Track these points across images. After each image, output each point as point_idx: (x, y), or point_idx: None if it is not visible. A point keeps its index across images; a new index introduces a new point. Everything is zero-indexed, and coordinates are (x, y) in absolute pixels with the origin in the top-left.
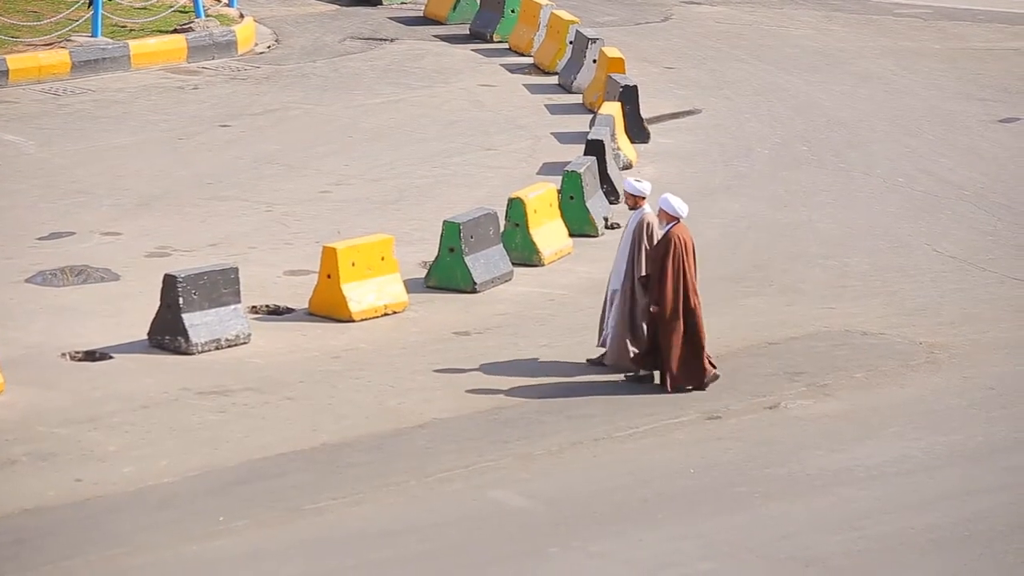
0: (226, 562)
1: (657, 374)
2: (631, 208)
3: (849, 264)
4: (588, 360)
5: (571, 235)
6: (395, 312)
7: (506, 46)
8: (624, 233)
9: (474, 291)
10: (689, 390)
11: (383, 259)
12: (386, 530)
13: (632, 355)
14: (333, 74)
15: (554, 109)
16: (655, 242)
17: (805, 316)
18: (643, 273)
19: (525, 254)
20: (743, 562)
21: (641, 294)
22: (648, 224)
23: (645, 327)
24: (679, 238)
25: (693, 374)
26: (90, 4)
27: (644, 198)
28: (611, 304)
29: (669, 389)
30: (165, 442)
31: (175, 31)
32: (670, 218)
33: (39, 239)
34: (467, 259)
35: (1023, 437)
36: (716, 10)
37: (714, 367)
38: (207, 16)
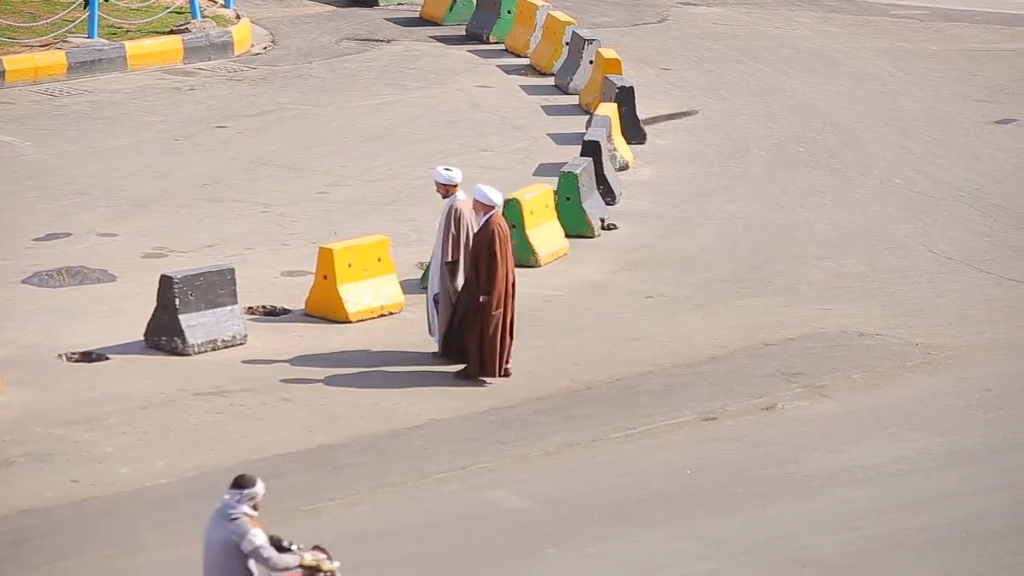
0: None
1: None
2: (443, 197)
3: (846, 265)
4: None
5: (567, 236)
6: (391, 313)
7: (502, 47)
8: (439, 223)
9: None
10: (494, 378)
11: (379, 260)
12: (383, 531)
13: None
14: (330, 75)
15: (550, 110)
16: (463, 228)
17: (802, 317)
18: (449, 259)
19: (521, 255)
20: (740, 563)
21: (448, 279)
22: (456, 210)
23: (450, 310)
24: (499, 227)
25: (502, 362)
26: (86, 5)
27: (456, 186)
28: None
29: (476, 377)
30: (162, 443)
31: (171, 32)
32: (486, 208)
33: (36, 240)
34: None
35: (1020, 438)
36: (713, 11)
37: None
38: (203, 17)
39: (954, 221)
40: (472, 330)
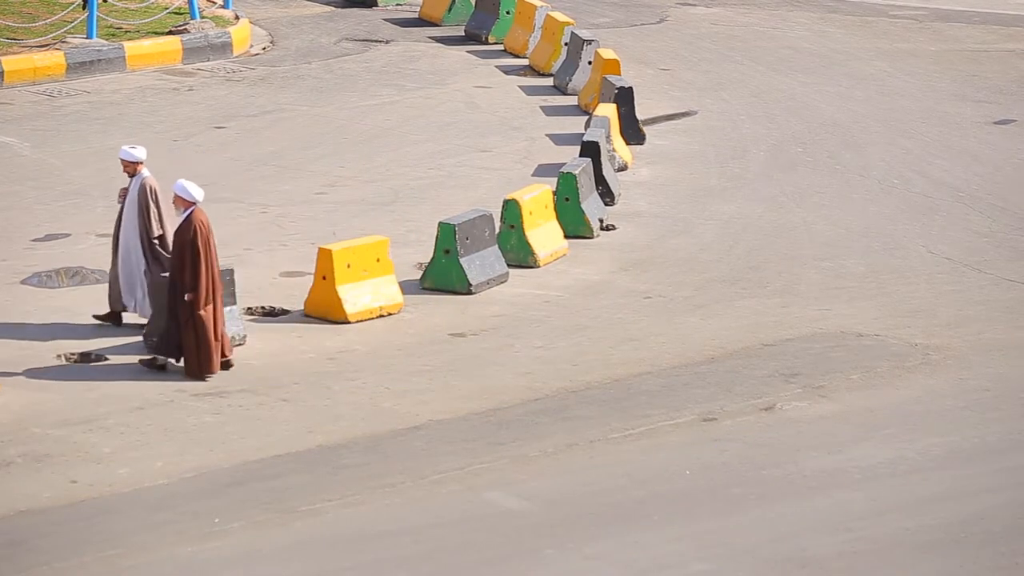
0: (221, 564)
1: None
2: (130, 176)
3: (845, 266)
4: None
5: (566, 237)
6: (390, 314)
7: (501, 48)
8: (126, 202)
9: (469, 292)
10: (211, 375)
11: (378, 261)
12: (382, 531)
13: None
14: (328, 76)
15: (549, 111)
16: (161, 202)
17: (801, 318)
18: (156, 235)
19: (520, 255)
20: (738, 563)
21: (163, 251)
22: (151, 188)
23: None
24: (201, 223)
25: (216, 358)
26: (85, 6)
27: (142, 163)
28: (125, 273)
29: (196, 375)
30: (160, 444)
31: (170, 33)
32: (187, 203)
33: (34, 241)
34: (462, 260)
35: (1018, 438)
36: (712, 12)
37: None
38: (202, 18)
39: (953, 222)
40: (185, 329)
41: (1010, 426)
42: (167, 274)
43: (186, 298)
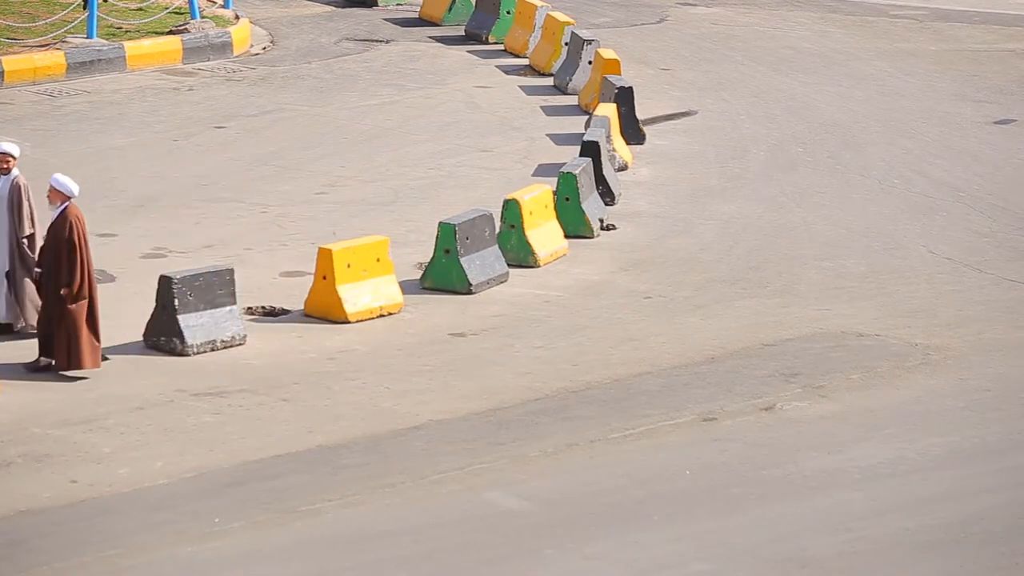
0: (221, 564)
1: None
2: (3, 174)
3: (845, 266)
4: None
5: (566, 236)
6: (391, 313)
7: (501, 47)
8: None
9: (470, 292)
10: (85, 371)
11: (379, 260)
12: (382, 531)
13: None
14: (329, 75)
15: (549, 110)
16: (33, 201)
17: (801, 318)
18: (27, 233)
19: (520, 255)
20: (738, 564)
21: (28, 251)
22: (24, 186)
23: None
24: (77, 217)
25: (94, 355)
26: (85, 5)
27: (16, 158)
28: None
29: (68, 370)
30: (160, 444)
31: (170, 32)
32: (64, 197)
33: None
34: (463, 260)
35: (1018, 438)
36: (712, 12)
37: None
38: (202, 17)
39: (953, 221)
40: (57, 324)
41: (1010, 426)
42: (39, 271)
43: (62, 292)
